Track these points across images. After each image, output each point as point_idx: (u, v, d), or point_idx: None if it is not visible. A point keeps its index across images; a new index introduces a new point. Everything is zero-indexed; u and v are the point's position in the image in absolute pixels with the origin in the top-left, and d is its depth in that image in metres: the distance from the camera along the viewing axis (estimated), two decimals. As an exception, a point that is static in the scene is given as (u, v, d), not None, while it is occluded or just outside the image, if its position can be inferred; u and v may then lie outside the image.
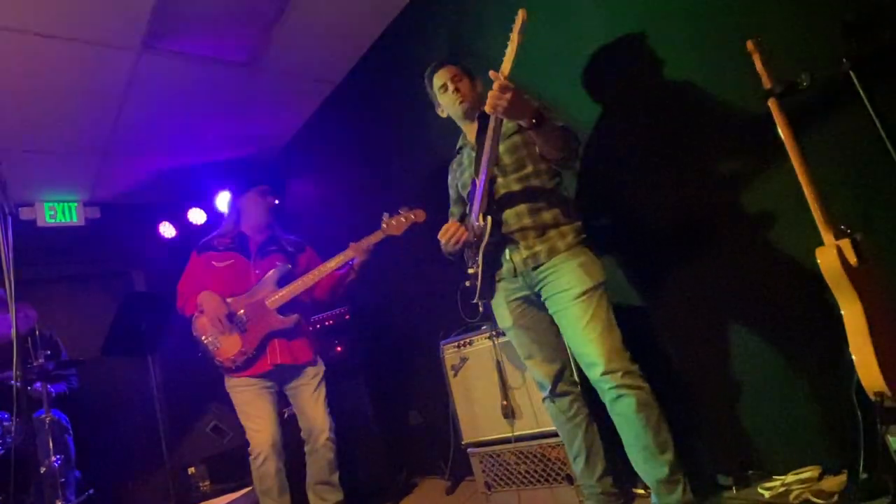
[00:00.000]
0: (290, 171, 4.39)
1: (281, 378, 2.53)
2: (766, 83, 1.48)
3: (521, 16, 1.56)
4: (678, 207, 2.02)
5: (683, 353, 2.06)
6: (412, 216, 2.43)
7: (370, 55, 3.48)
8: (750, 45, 1.51)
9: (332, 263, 2.49)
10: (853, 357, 1.33)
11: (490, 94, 1.55)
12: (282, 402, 2.61)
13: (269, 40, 3.17)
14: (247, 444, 2.47)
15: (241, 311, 2.47)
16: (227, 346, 2.43)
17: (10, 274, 1.95)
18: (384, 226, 2.43)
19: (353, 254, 2.46)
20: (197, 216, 4.40)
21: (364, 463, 3.01)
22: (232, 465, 2.90)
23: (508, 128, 1.85)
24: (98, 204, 4.33)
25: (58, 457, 2.50)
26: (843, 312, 1.36)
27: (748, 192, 1.82)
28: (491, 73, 1.57)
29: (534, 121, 1.60)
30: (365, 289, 3.53)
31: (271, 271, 2.54)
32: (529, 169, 1.82)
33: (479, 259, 1.89)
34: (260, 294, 2.50)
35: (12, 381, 2.01)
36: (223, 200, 3.56)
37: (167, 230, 4.47)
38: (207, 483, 2.90)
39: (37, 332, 2.61)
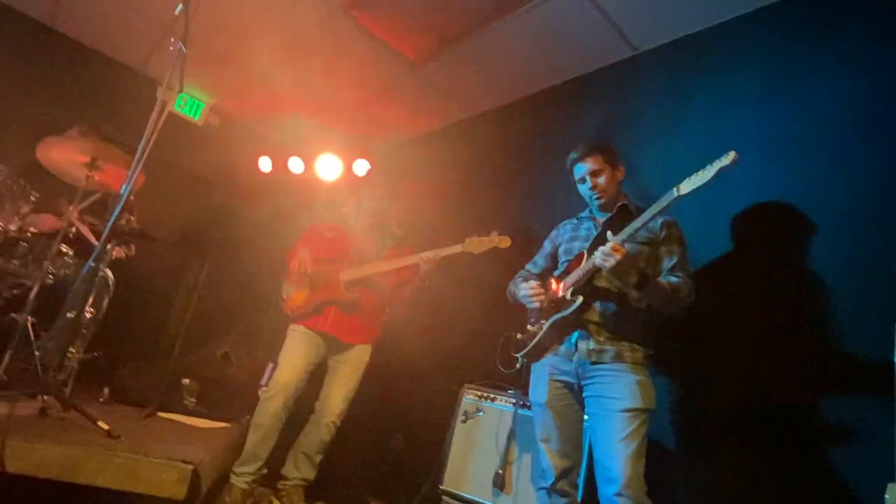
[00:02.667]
0: (405, 167, 4.52)
1: (330, 346, 2.62)
2: (904, 307, 1.48)
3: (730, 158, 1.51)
4: (752, 390, 1.96)
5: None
6: (496, 240, 2.42)
7: (515, 107, 3.65)
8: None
9: (400, 262, 2.56)
10: None
11: (602, 249, 1.70)
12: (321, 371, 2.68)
13: (440, 55, 3.39)
14: (246, 387, 2.54)
15: (319, 272, 2.63)
16: (294, 297, 2.65)
17: (153, 135, 2.13)
18: (466, 241, 2.45)
19: (419, 260, 2.50)
20: (295, 165, 4.62)
21: (331, 457, 2.99)
22: (223, 396, 2.94)
23: (641, 234, 1.86)
24: (223, 114, 4.63)
25: (91, 310, 2.63)
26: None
27: (838, 401, 1.76)
28: (609, 233, 1.73)
29: (637, 282, 1.73)
30: (414, 302, 3.61)
31: (358, 248, 2.68)
32: (634, 279, 1.80)
33: (547, 324, 1.92)
34: (340, 265, 2.63)
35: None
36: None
37: (265, 164, 4.72)
38: (194, 401, 2.95)
39: (132, 196, 2.78)
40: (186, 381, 2.99)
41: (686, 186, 1.60)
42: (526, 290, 2.02)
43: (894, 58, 1.95)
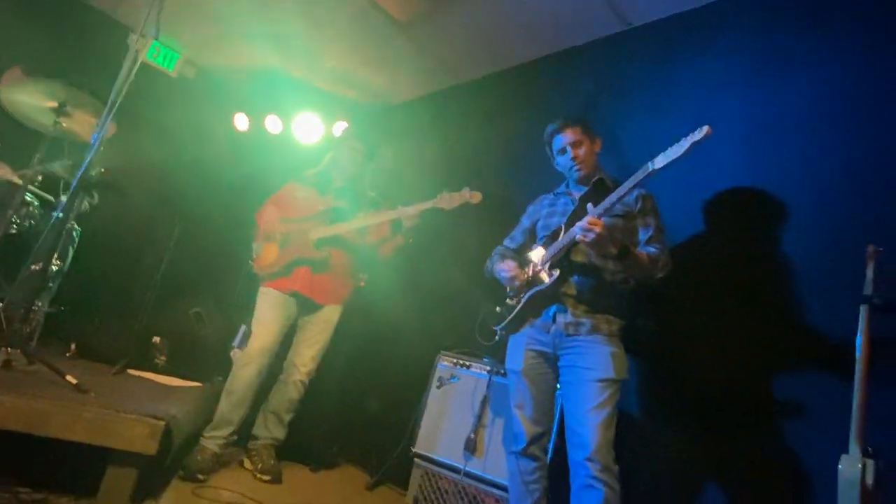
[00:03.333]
0: (388, 131, 4.44)
1: (301, 307, 2.61)
2: (869, 290, 1.55)
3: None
4: (719, 366, 2.03)
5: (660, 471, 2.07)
6: (468, 196, 2.42)
7: (500, 76, 3.60)
8: (871, 250, 1.58)
9: (376, 218, 2.56)
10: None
11: (580, 225, 1.72)
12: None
13: (428, 16, 3.29)
14: (218, 348, 2.52)
15: (290, 231, 2.60)
16: (264, 255, 2.62)
17: (126, 84, 2.04)
18: (438, 197, 2.45)
19: (398, 215, 2.51)
20: (272, 124, 4.48)
21: (304, 419, 3.01)
22: (194, 356, 2.90)
23: (617, 208, 1.87)
24: (198, 66, 4.44)
25: (58, 263, 2.54)
26: (838, 523, 1.39)
27: (798, 378, 1.84)
28: (589, 205, 1.75)
29: (617, 254, 1.75)
30: (388, 268, 3.61)
31: (328, 207, 2.63)
32: (614, 251, 1.82)
33: (525, 298, 1.95)
34: (310, 224, 2.60)
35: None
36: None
37: (241, 122, 4.57)
38: (164, 359, 2.91)
39: (101, 147, 2.67)
40: (157, 339, 2.94)
41: (661, 160, 1.62)
42: (504, 271, 2.03)
43: (877, 50, 1.98)
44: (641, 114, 2.67)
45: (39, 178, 2.50)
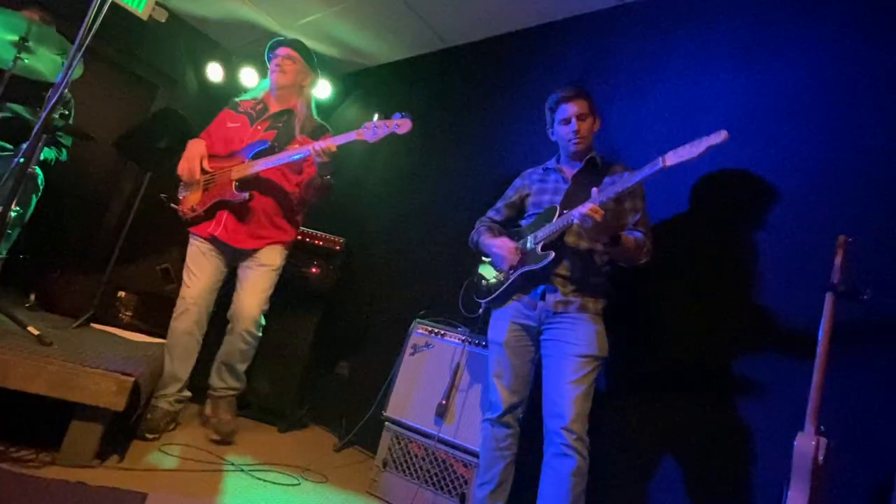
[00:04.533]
0: (366, 95, 4.32)
1: (232, 254, 2.46)
2: (835, 278, 1.61)
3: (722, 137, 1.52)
4: (690, 342, 2.10)
5: (627, 444, 2.15)
6: (394, 125, 2.12)
7: (491, 43, 3.54)
8: (841, 240, 1.64)
9: (287, 154, 2.32)
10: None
11: (579, 211, 1.72)
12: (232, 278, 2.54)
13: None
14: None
15: (212, 171, 2.42)
16: (187, 198, 2.46)
17: (95, 21, 1.92)
18: (362, 127, 2.17)
19: (309, 149, 2.24)
20: (248, 77, 4.32)
21: (275, 381, 3.01)
22: (161, 313, 2.82)
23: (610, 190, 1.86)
24: (172, 12, 4.22)
25: (17, 209, 2.41)
26: (789, 495, 1.48)
27: (763, 359, 1.91)
28: (594, 190, 1.74)
29: (608, 241, 1.79)
30: (370, 230, 3.58)
31: (254, 142, 2.43)
32: (606, 238, 1.83)
33: (514, 275, 1.97)
34: (233, 161, 2.41)
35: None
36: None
37: (215, 73, 4.39)
38: (130, 315, 2.83)
39: (68, 91, 2.52)
40: (122, 294, 2.85)
41: (672, 158, 1.59)
42: (496, 247, 2.02)
43: (867, 39, 2.01)
44: (628, 93, 2.67)
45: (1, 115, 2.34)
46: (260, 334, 2.51)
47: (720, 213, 2.18)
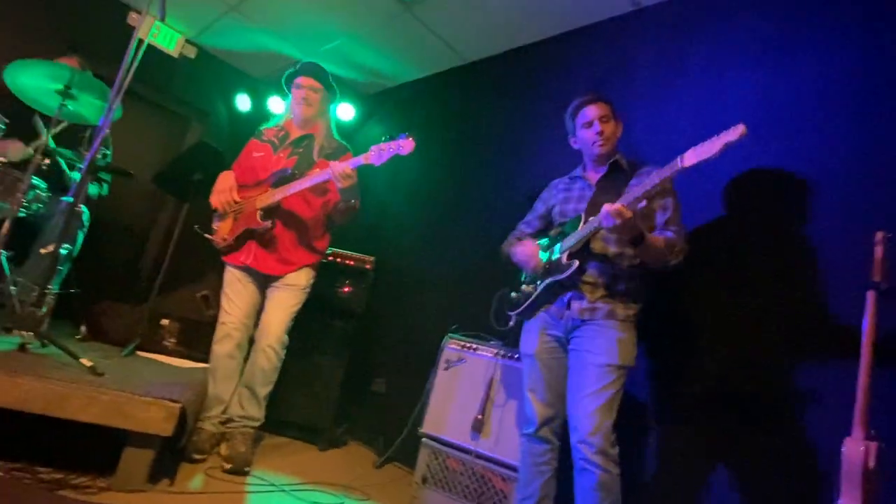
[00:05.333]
0: (388, 116, 4.40)
1: (264, 279, 2.53)
2: (876, 276, 1.56)
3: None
4: (727, 349, 2.04)
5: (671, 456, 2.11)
6: (396, 147, 2.15)
7: (509, 56, 3.58)
8: (879, 236, 1.59)
9: (307, 182, 2.35)
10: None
11: (607, 209, 1.66)
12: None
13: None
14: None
15: (241, 201, 2.50)
16: (220, 228, 2.53)
17: (132, 65, 2.03)
18: (370, 151, 2.20)
19: (328, 175, 2.27)
20: (275, 104, 4.46)
21: (313, 400, 3.06)
22: (203, 337, 2.92)
23: (635, 190, 1.82)
24: (201, 48, 4.41)
25: (66, 247, 2.55)
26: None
27: (806, 362, 1.85)
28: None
29: (632, 240, 1.73)
30: (399, 248, 3.63)
31: (276, 171, 2.50)
32: (629, 238, 1.77)
33: (541, 286, 1.96)
34: (259, 190, 2.48)
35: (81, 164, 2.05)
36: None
37: (244, 103, 4.55)
38: (174, 341, 2.94)
39: (107, 130, 2.66)
40: (165, 321, 2.97)
41: (691, 158, 1.55)
42: (520, 253, 2.03)
43: (892, 32, 1.96)
44: (650, 97, 2.65)
45: (47, 161, 2.49)
46: (283, 353, 2.52)
47: (753, 214, 2.13)
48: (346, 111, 4.24)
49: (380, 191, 3.95)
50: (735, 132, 1.46)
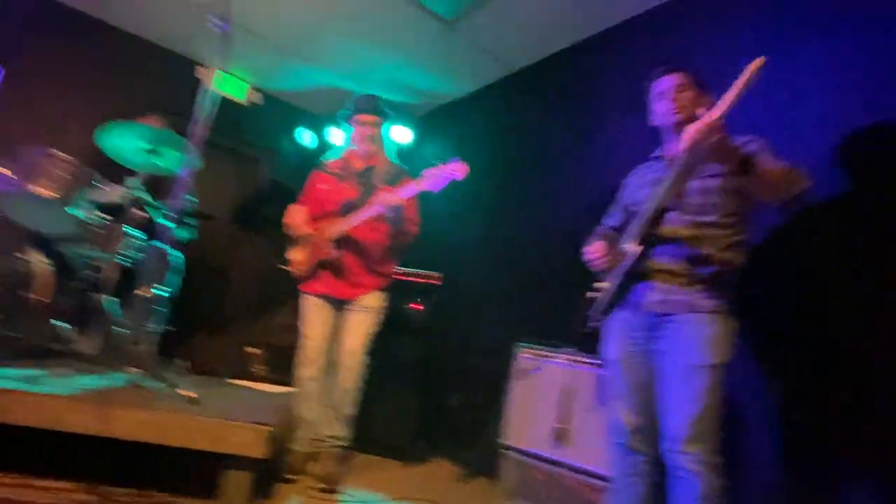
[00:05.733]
0: (442, 132, 4.49)
1: (339, 304, 2.62)
2: None
3: (756, 64, 1.43)
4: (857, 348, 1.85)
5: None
6: (451, 171, 2.18)
7: (554, 59, 3.56)
8: None
9: (371, 206, 2.40)
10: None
11: (693, 128, 1.47)
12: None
13: (477, 10, 3.29)
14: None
15: (313, 230, 2.61)
16: (295, 259, 2.65)
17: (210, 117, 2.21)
18: (422, 175, 2.23)
19: (380, 207, 2.34)
20: (335, 136, 4.66)
21: (390, 416, 3.13)
22: (288, 362, 3.09)
23: (714, 166, 1.63)
24: (264, 92, 4.71)
25: (165, 289, 2.79)
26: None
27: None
28: (701, 110, 1.52)
29: (738, 169, 1.51)
30: (466, 261, 3.67)
31: (343, 202, 2.59)
32: (711, 218, 1.67)
33: (613, 279, 1.84)
34: (328, 221, 2.58)
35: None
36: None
37: (307, 138, 4.81)
38: (263, 368, 3.12)
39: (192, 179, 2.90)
40: (252, 349, 3.16)
41: (720, 106, 1.45)
42: (589, 252, 1.93)
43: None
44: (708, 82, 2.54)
45: (141, 213, 2.75)
46: (363, 374, 2.59)
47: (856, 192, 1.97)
48: (403, 134, 4.35)
49: (439, 205, 4.01)
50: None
